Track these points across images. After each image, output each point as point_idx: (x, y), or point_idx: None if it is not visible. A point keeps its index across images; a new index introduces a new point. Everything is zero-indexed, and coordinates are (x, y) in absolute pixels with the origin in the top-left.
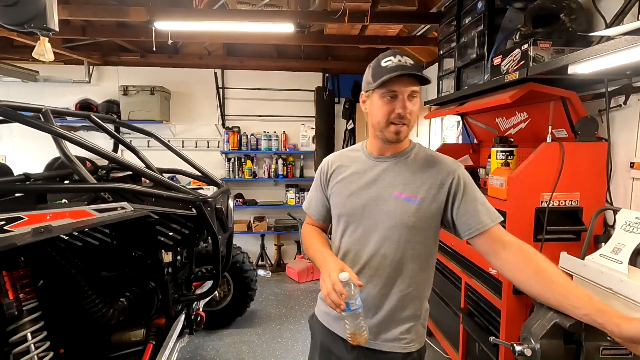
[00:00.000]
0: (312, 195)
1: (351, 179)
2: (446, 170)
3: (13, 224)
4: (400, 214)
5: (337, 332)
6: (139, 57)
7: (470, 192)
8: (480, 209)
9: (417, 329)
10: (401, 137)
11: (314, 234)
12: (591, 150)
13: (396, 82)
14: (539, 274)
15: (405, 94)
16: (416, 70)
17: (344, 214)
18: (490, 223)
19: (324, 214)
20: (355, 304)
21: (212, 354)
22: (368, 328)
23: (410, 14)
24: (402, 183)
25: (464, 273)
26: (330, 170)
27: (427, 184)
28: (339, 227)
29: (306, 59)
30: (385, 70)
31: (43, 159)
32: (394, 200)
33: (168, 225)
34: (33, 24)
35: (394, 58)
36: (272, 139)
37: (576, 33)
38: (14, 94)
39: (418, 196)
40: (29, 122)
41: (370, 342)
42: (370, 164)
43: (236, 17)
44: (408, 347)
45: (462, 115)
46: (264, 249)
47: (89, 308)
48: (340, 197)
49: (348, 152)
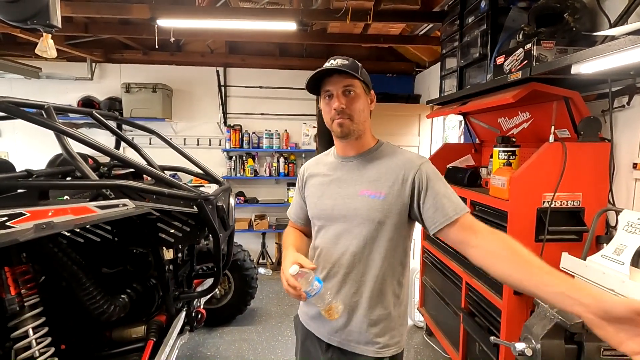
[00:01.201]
0: (293, 200)
1: (322, 181)
2: (409, 165)
3: (15, 220)
4: (367, 210)
5: (315, 332)
6: (141, 55)
7: (434, 186)
8: (444, 202)
9: (392, 333)
10: (345, 129)
11: (288, 234)
12: (594, 150)
13: (328, 82)
14: (512, 257)
15: (338, 90)
16: (341, 67)
17: (316, 215)
18: (454, 215)
19: (302, 217)
20: (314, 289)
21: (213, 351)
22: (340, 299)
23: (413, 13)
24: (367, 180)
25: (465, 272)
26: (306, 175)
27: (390, 179)
28: (315, 229)
29: (308, 57)
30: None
31: (45, 156)
32: (360, 198)
33: (169, 223)
34: (36, 21)
35: (328, 63)
36: (273, 138)
37: (580, 33)
38: (16, 90)
39: (382, 192)
40: (32, 118)
41: (343, 343)
42: (338, 166)
43: (239, 15)
44: (381, 352)
45: (464, 115)
46: (264, 247)
47: (90, 304)
48: (313, 199)
49: (322, 156)
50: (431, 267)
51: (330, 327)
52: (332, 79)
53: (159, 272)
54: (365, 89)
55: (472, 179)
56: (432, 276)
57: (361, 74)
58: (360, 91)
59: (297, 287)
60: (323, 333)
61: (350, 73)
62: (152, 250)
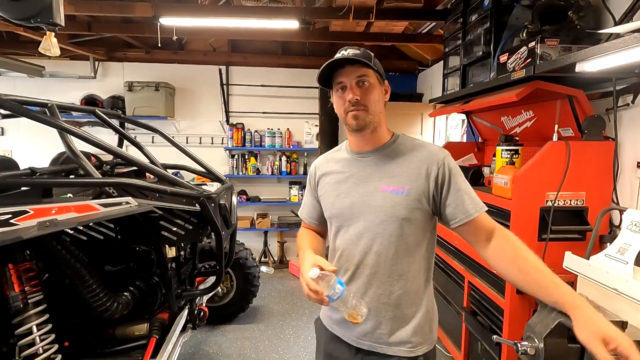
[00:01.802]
0: (305, 199)
1: (337, 179)
2: (432, 158)
3: (19, 217)
4: (390, 207)
5: (341, 337)
6: (144, 53)
7: (455, 180)
8: (465, 198)
9: (423, 330)
10: (361, 122)
11: (303, 236)
12: (598, 149)
13: (341, 74)
14: (516, 261)
15: (351, 81)
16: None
17: (334, 215)
18: (474, 213)
19: (316, 217)
20: (336, 293)
21: (215, 349)
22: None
23: (416, 11)
24: (388, 176)
25: (467, 272)
26: (318, 173)
27: (413, 174)
28: (332, 229)
29: (311, 55)
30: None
31: (49, 154)
32: (382, 194)
33: (172, 221)
34: (39, 19)
35: (339, 54)
36: (276, 136)
37: (584, 31)
38: (20, 89)
39: (406, 187)
40: (35, 116)
41: (374, 345)
42: (354, 162)
43: (241, 13)
44: (414, 350)
45: (467, 114)
46: (267, 246)
47: (93, 302)
48: (329, 198)
49: (333, 153)
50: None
51: (360, 330)
52: (345, 70)
53: (162, 270)
54: (379, 79)
55: (475, 177)
56: (435, 275)
57: (374, 63)
58: (374, 81)
59: (319, 292)
60: (350, 337)
61: (363, 62)
62: (155, 248)
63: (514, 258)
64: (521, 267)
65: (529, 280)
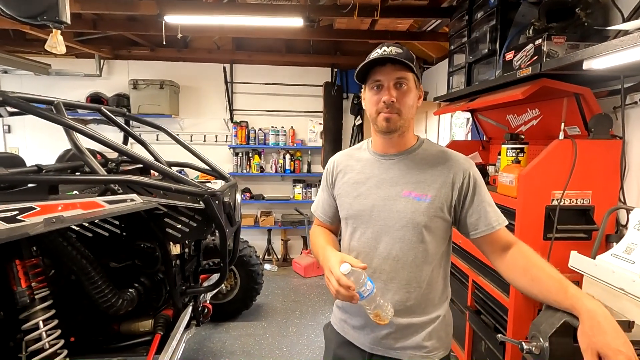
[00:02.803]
0: (319, 196)
1: (357, 179)
2: (458, 167)
3: (26, 214)
4: (411, 213)
5: (355, 342)
6: (148, 51)
7: (480, 192)
8: (488, 210)
9: (439, 335)
10: (392, 125)
11: (319, 234)
12: (605, 148)
13: (380, 72)
14: (528, 270)
15: (390, 82)
16: (396, 56)
17: (352, 215)
18: (497, 226)
19: (331, 215)
20: (367, 290)
21: (219, 346)
22: (390, 303)
23: (421, 9)
24: (412, 181)
25: (472, 271)
26: (336, 170)
27: (438, 182)
28: (347, 230)
29: (315, 53)
30: (366, 63)
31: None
32: (404, 199)
33: (176, 218)
34: (45, 17)
35: (380, 49)
36: (279, 134)
37: (592, 28)
38: (26, 86)
39: (429, 194)
40: (42, 113)
41: (389, 352)
42: (376, 163)
43: (245, 10)
44: (429, 356)
45: (472, 112)
46: (270, 244)
47: (98, 298)
48: (347, 198)
49: (354, 150)
50: None
51: (374, 336)
52: (385, 68)
53: (166, 267)
54: (417, 83)
55: None
56: None
57: (415, 65)
58: (412, 85)
59: (352, 287)
60: (365, 343)
61: (405, 63)
62: (160, 245)
63: (526, 267)
64: (533, 275)
65: (541, 288)
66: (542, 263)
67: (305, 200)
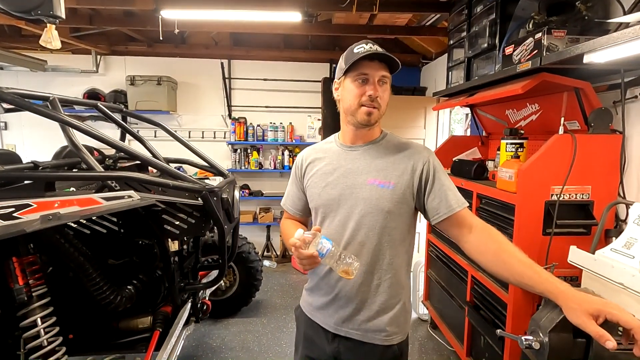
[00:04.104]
0: (288, 190)
1: (325, 170)
2: (418, 156)
3: (22, 210)
4: (376, 199)
5: (320, 323)
6: (146, 47)
7: (439, 177)
8: (448, 193)
9: (399, 320)
10: (372, 119)
11: (289, 226)
12: (604, 142)
13: (367, 66)
14: (499, 255)
15: (376, 77)
16: (384, 53)
17: (320, 205)
18: (457, 207)
19: (300, 208)
20: (324, 247)
21: (218, 342)
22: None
23: (420, 3)
24: (376, 169)
25: (470, 266)
26: (305, 164)
27: (399, 169)
28: (317, 219)
29: (313, 49)
30: (357, 56)
31: (51, 148)
32: (369, 187)
33: (174, 215)
34: (40, 11)
35: (366, 45)
36: (278, 130)
37: (592, 21)
38: (22, 83)
39: (392, 181)
40: (37, 110)
41: (350, 332)
42: (343, 154)
43: (243, 5)
44: (389, 339)
45: (471, 107)
46: (269, 240)
47: (96, 295)
48: (315, 189)
49: (322, 144)
50: (436, 260)
51: (338, 317)
52: (373, 64)
53: (165, 264)
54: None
55: (479, 171)
56: (437, 269)
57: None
58: (389, 82)
59: (308, 251)
60: (329, 323)
61: (392, 62)
62: (158, 242)
63: (497, 252)
64: (505, 260)
65: (513, 272)
66: (513, 248)
67: None
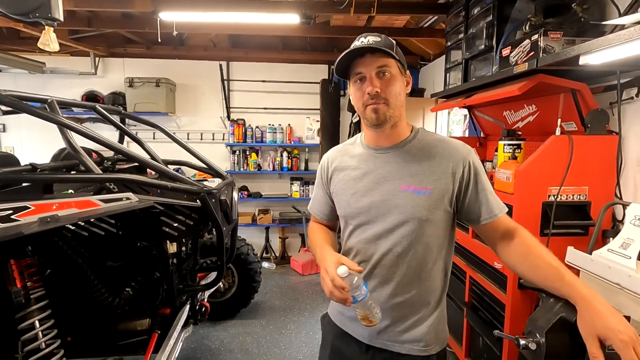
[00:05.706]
0: (315, 194)
1: (353, 175)
2: (458, 156)
3: (20, 213)
4: (411, 208)
5: (352, 334)
6: (144, 49)
7: (481, 180)
8: (490, 198)
9: (436, 329)
10: (381, 116)
11: (317, 231)
12: (601, 143)
13: (360, 64)
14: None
15: (371, 72)
16: (373, 44)
17: (350, 214)
18: (499, 213)
19: (327, 213)
20: (361, 294)
21: (217, 344)
22: (378, 306)
23: (418, 5)
24: (410, 174)
25: (469, 267)
26: (331, 167)
27: (436, 173)
28: (347, 228)
29: (312, 50)
30: (343, 57)
31: (50, 150)
32: (403, 193)
33: (173, 217)
34: (38, 14)
35: (357, 41)
36: (277, 132)
37: (588, 23)
38: (21, 85)
39: (428, 187)
40: (35, 112)
41: (386, 343)
42: (371, 158)
43: (241, 7)
44: (427, 349)
45: (469, 109)
46: (268, 242)
47: (95, 297)
48: (344, 196)
49: (347, 146)
50: None
51: (374, 327)
52: (365, 59)
53: (163, 266)
54: (401, 69)
55: None
56: None
57: (396, 51)
58: (396, 72)
59: (346, 288)
60: (363, 334)
61: (384, 51)
62: (156, 244)
63: (525, 254)
64: (532, 263)
65: (539, 276)
66: (542, 250)
67: (303, 197)
